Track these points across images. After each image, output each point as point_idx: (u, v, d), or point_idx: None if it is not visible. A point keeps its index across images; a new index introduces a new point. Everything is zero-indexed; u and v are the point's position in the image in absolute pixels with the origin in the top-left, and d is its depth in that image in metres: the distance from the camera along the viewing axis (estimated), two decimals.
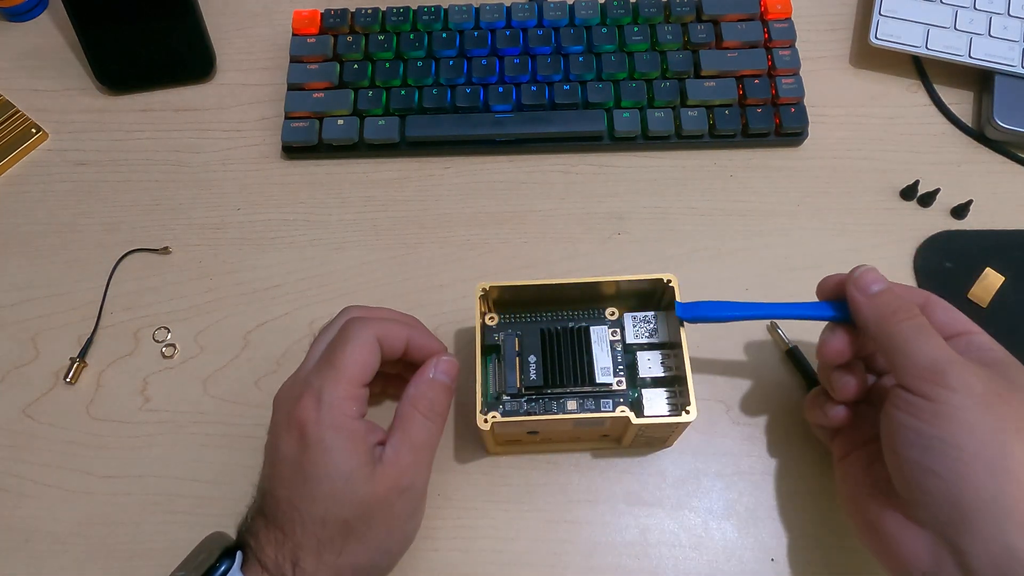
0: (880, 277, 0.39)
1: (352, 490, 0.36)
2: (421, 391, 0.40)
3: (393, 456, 0.38)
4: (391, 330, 0.40)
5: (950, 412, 0.33)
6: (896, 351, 0.36)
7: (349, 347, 0.38)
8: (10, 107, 0.59)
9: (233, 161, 0.57)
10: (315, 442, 0.36)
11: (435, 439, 0.40)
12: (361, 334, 0.39)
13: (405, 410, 0.39)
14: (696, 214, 0.54)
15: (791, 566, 0.44)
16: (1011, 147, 0.55)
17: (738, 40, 0.57)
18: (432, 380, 0.40)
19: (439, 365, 0.41)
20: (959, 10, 0.56)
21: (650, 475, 0.46)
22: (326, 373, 0.38)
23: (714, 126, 0.55)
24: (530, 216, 0.54)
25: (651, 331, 0.45)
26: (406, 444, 0.38)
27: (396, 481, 0.37)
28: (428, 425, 0.39)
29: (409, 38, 0.58)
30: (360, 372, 0.38)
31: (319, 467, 0.36)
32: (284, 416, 0.38)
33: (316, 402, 0.37)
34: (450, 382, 0.41)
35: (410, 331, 0.42)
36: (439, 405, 0.40)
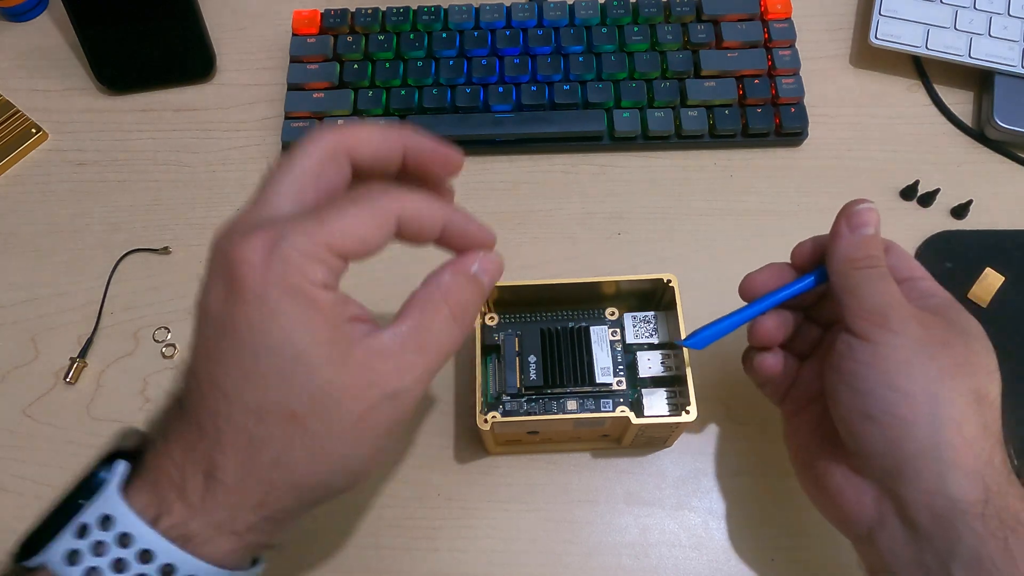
0: (876, 221, 0.36)
1: (307, 372, 0.27)
2: (458, 283, 0.31)
3: (394, 345, 0.29)
4: (425, 209, 0.30)
5: (888, 354, 0.33)
6: (849, 293, 0.35)
7: (352, 210, 0.28)
8: (10, 107, 0.59)
9: (233, 161, 0.57)
10: (254, 297, 0.26)
11: (455, 349, 0.31)
12: (378, 203, 0.29)
13: (431, 299, 0.31)
14: (696, 214, 0.54)
15: (791, 566, 0.44)
16: (1011, 147, 0.55)
17: (738, 40, 0.57)
18: (473, 276, 0.32)
19: (484, 260, 0.32)
20: (959, 10, 0.56)
21: (650, 475, 0.46)
22: (302, 221, 0.28)
23: (714, 126, 0.55)
24: (530, 216, 0.54)
25: (651, 331, 0.45)
26: (418, 339, 0.30)
27: (386, 378, 0.28)
28: (453, 328, 0.31)
29: (409, 38, 0.58)
30: (351, 244, 0.28)
31: (258, 332, 0.26)
32: (218, 256, 0.28)
33: (267, 246, 0.26)
34: (489, 284, 0.33)
35: (449, 214, 0.32)
36: (473, 309, 0.32)
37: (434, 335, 0.30)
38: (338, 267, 0.28)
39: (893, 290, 0.34)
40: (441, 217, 0.31)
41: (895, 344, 0.33)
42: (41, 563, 0.27)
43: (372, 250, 0.29)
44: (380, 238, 0.29)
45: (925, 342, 0.33)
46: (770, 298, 0.39)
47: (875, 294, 0.34)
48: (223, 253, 0.27)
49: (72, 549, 0.27)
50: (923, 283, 0.37)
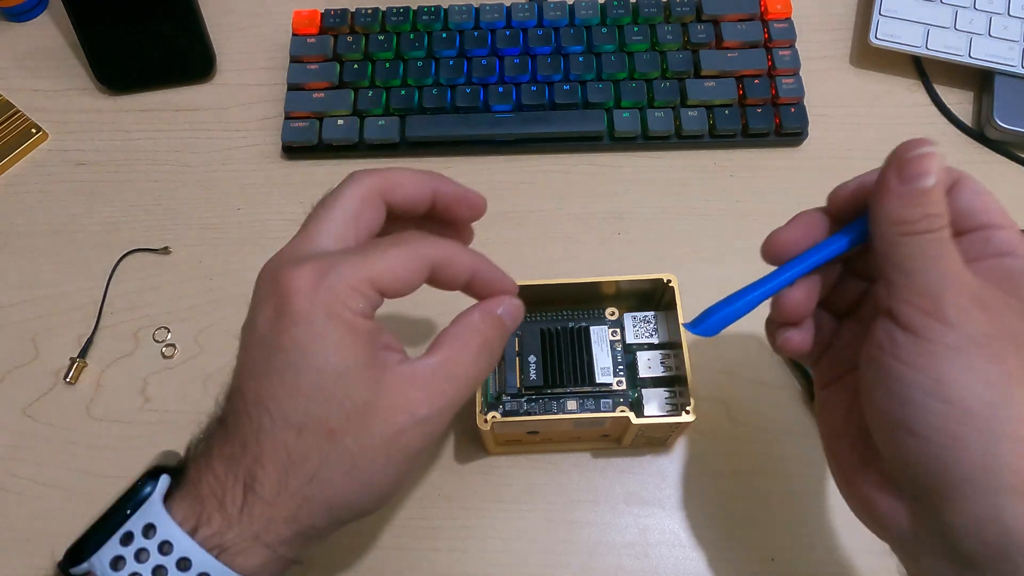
0: (938, 169, 0.27)
1: (346, 391, 0.29)
2: (486, 323, 0.33)
3: (426, 373, 0.31)
4: (457, 257, 0.33)
5: (942, 353, 0.26)
6: (895, 267, 0.28)
7: (394, 252, 0.31)
8: (10, 107, 0.59)
9: (233, 161, 0.57)
10: (301, 318, 0.28)
11: (480, 381, 0.33)
12: (419, 249, 0.32)
13: (461, 335, 0.32)
14: (696, 214, 0.54)
15: (791, 566, 0.44)
16: (1011, 147, 0.55)
17: (738, 40, 0.57)
18: (499, 318, 0.34)
19: (508, 306, 0.34)
20: (959, 10, 0.56)
21: (650, 475, 0.46)
22: (348, 256, 0.30)
23: (714, 126, 0.55)
24: (530, 216, 0.54)
25: (651, 331, 0.45)
26: (448, 369, 0.31)
27: (417, 403, 0.30)
28: (480, 363, 0.33)
29: (409, 38, 0.58)
30: (389, 282, 0.30)
31: (304, 352, 0.28)
32: (268, 283, 0.30)
33: (316, 275, 0.29)
34: (512, 327, 0.35)
35: (478, 263, 0.34)
36: (497, 347, 0.34)
37: (463, 367, 0.32)
38: (376, 301, 0.31)
39: (953, 265, 0.27)
40: (471, 265, 0.33)
41: (949, 341, 0.26)
42: (87, 570, 0.29)
43: (408, 289, 0.31)
44: (416, 279, 0.32)
45: (989, 337, 0.26)
46: (797, 265, 0.32)
47: (929, 270, 0.27)
48: (274, 280, 0.30)
49: (117, 555, 0.28)
50: (1000, 235, 0.29)
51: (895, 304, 0.27)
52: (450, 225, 0.37)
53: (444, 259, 0.32)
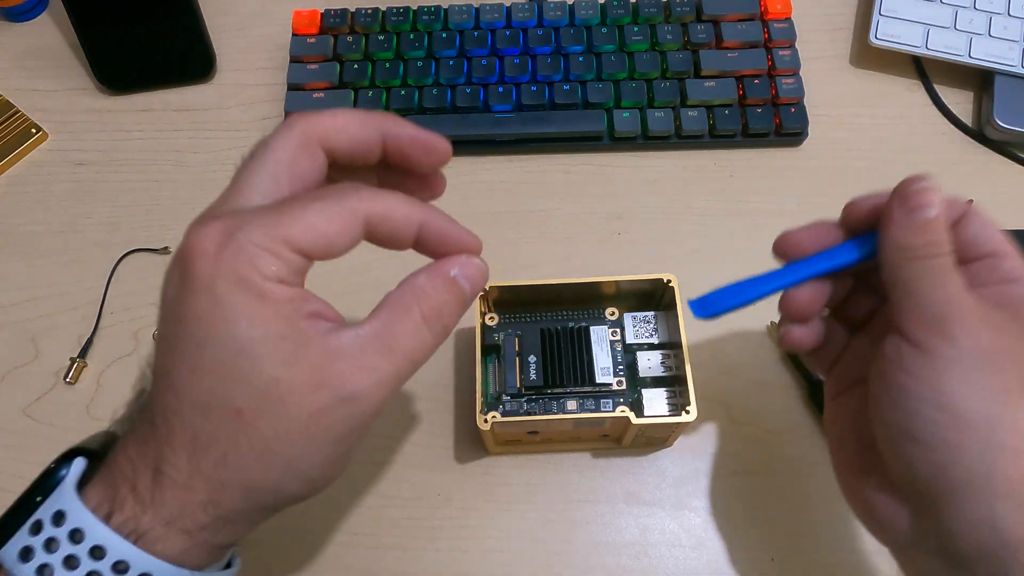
0: (938, 201, 0.30)
1: (252, 367, 0.25)
2: (434, 286, 0.30)
3: (355, 345, 0.27)
4: (398, 209, 0.29)
5: (944, 367, 0.28)
6: (902, 289, 0.29)
7: (315, 206, 0.27)
8: (10, 107, 0.59)
9: (233, 161, 0.56)
10: (203, 287, 0.25)
11: (424, 355, 0.29)
12: (344, 202, 0.28)
13: (402, 300, 0.29)
14: (696, 214, 0.54)
15: (791, 566, 0.44)
16: (1011, 147, 0.55)
17: (738, 40, 0.57)
18: (452, 280, 0.30)
19: (466, 265, 0.31)
20: (959, 10, 0.56)
21: (650, 475, 0.46)
22: (262, 213, 0.27)
23: (714, 126, 0.55)
24: (530, 216, 0.54)
25: (651, 331, 0.45)
26: (382, 341, 0.28)
27: (341, 379, 0.27)
28: (424, 333, 0.29)
29: (409, 38, 0.58)
30: (311, 241, 0.27)
31: (204, 323, 0.25)
32: (180, 247, 0.27)
33: (222, 236, 0.26)
34: (471, 292, 0.31)
35: (426, 215, 0.30)
36: (448, 315, 0.30)
37: (401, 339, 0.28)
38: (297, 263, 0.27)
39: (955, 286, 0.29)
40: (417, 218, 0.29)
41: (952, 355, 0.28)
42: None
43: (336, 250, 0.28)
44: (345, 238, 0.28)
45: (991, 351, 0.28)
46: (806, 267, 0.33)
47: (934, 291, 0.29)
48: (184, 240, 0.27)
49: (25, 546, 0.26)
50: (1006, 263, 0.31)
51: (903, 321, 0.29)
52: (413, 176, 0.33)
53: (381, 212, 0.28)
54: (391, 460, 0.47)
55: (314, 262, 0.28)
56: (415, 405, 0.48)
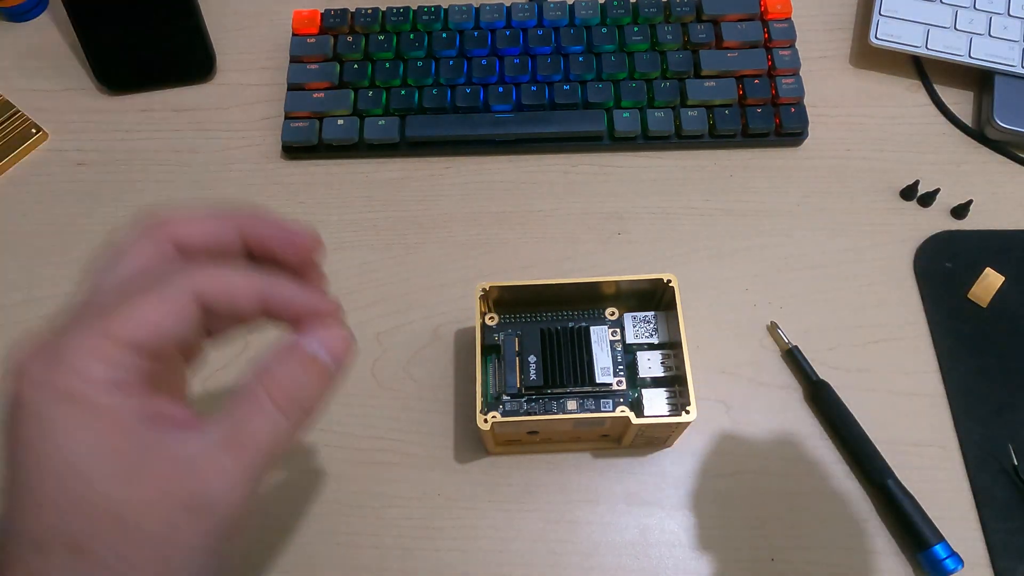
0: None
1: (85, 491, 0.23)
2: (284, 369, 0.27)
3: (200, 447, 0.24)
4: (230, 284, 0.26)
5: None
6: None
7: (138, 298, 0.25)
8: (10, 107, 0.59)
9: (233, 161, 0.57)
10: (30, 413, 0.23)
11: (283, 444, 0.26)
12: (169, 286, 0.25)
13: (249, 390, 0.26)
14: (696, 214, 0.54)
15: (790, 566, 0.44)
16: (1011, 147, 0.55)
17: (738, 40, 0.57)
18: (306, 354, 0.27)
19: (324, 335, 0.28)
20: (959, 10, 0.56)
21: (650, 475, 0.46)
22: (82, 317, 0.25)
23: (714, 126, 0.55)
24: (530, 216, 0.54)
25: (651, 331, 0.45)
26: (231, 438, 0.25)
27: (185, 486, 0.24)
28: (278, 421, 0.26)
29: (409, 38, 0.58)
30: (142, 335, 0.24)
31: (32, 451, 0.23)
32: (8, 371, 0.24)
33: (47, 352, 0.24)
34: (334, 365, 0.28)
35: (267, 284, 0.27)
36: (307, 395, 0.27)
37: (253, 433, 0.25)
38: (132, 362, 0.24)
39: None
40: (256, 289, 0.27)
41: None
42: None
43: (173, 337, 0.25)
44: (179, 323, 0.25)
45: None
46: None
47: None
48: (7, 368, 0.24)
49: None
50: None
51: None
52: (288, 268, 0.30)
53: (216, 289, 0.26)
54: (391, 460, 0.47)
55: (157, 355, 0.25)
56: (415, 405, 0.48)
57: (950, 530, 0.43)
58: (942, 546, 0.42)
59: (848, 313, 0.50)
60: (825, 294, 0.51)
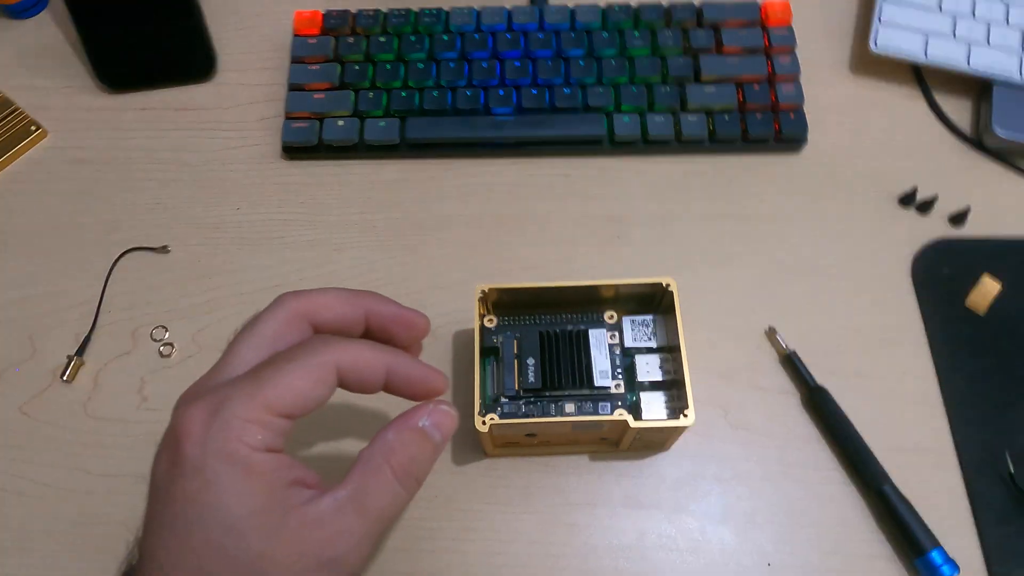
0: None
1: (239, 544, 0.26)
2: (402, 440, 0.30)
3: (330, 510, 0.28)
4: (362, 358, 0.31)
5: None
6: None
7: (288, 367, 0.29)
8: (10, 104, 0.59)
9: (233, 161, 0.57)
10: (192, 469, 0.26)
11: (399, 510, 0.30)
12: (314, 358, 0.29)
13: (373, 459, 0.30)
14: (695, 219, 0.54)
15: (788, 571, 0.44)
16: (1009, 155, 0.55)
17: (738, 46, 0.57)
18: (420, 431, 0.31)
19: (434, 413, 0.32)
20: (958, 19, 0.57)
21: (648, 478, 0.46)
22: (241, 384, 0.28)
23: (714, 131, 0.55)
24: (530, 219, 0.54)
25: (649, 335, 0.45)
26: (357, 503, 0.28)
27: (319, 546, 0.27)
28: (396, 490, 0.30)
29: (410, 40, 0.58)
30: (291, 402, 0.28)
31: (193, 503, 0.26)
32: (170, 426, 0.28)
33: (209, 414, 0.27)
34: (442, 440, 0.32)
35: (392, 360, 0.31)
36: (420, 467, 0.31)
37: (374, 498, 0.29)
38: (281, 426, 0.28)
39: None
40: (383, 363, 0.31)
41: None
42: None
43: (314, 405, 0.29)
44: (321, 392, 0.29)
45: None
46: None
47: None
48: (172, 422, 0.28)
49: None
50: None
51: None
52: (401, 346, 0.34)
53: (351, 362, 0.30)
54: None
55: (298, 419, 0.29)
56: None
57: (946, 536, 0.43)
58: (938, 552, 0.42)
59: (846, 319, 0.50)
60: (823, 300, 0.51)
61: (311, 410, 0.29)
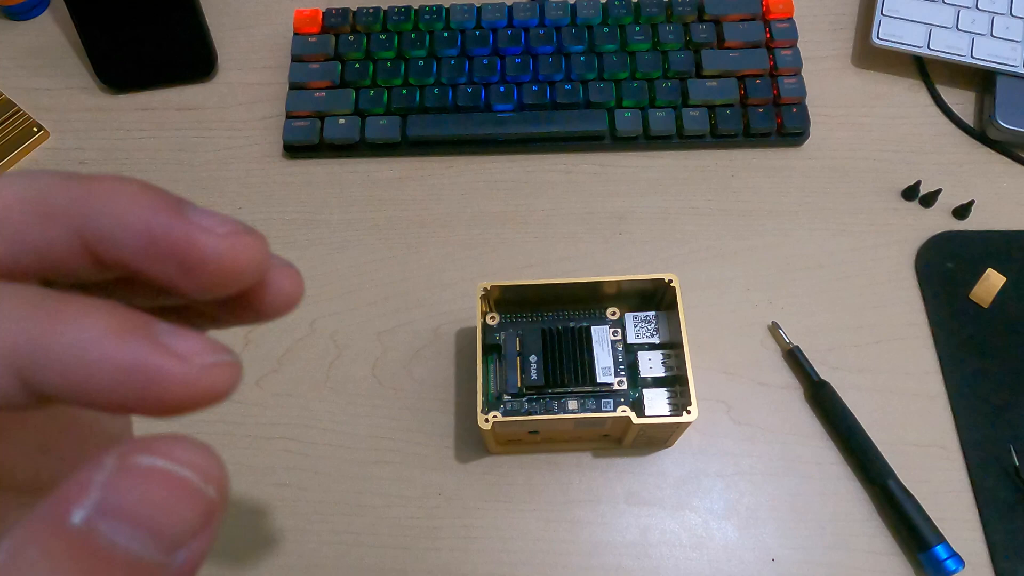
0: None
1: None
2: (19, 564, 0.11)
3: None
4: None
5: None
6: None
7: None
8: (11, 106, 0.59)
9: (234, 160, 0.57)
10: None
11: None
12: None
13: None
14: (697, 214, 0.54)
15: (792, 566, 0.44)
16: (1013, 147, 0.55)
17: (740, 40, 0.57)
18: (63, 539, 0.11)
19: (113, 487, 0.11)
20: (961, 10, 0.56)
21: (651, 475, 0.46)
22: None
23: (716, 126, 0.55)
24: (531, 216, 0.54)
25: (652, 331, 0.45)
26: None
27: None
28: None
29: (411, 37, 0.58)
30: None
31: None
32: None
33: None
34: (149, 546, 0.12)
35: (35, 330, 0.12)
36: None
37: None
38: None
39: None
40: (10, 339, 0.13)
41: None
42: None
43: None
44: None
45: None
46: None
47: None
48: None
49: None
50: None
51: None
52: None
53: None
54: (391, 460, 0.47)
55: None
56: (416, 405, 0.48)
57: (951, 531, 0.43)
58: (943, 547, 0.42)
59: (849, 313, 0.50)
60: (826, 294, 0.51)
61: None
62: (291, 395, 0.48)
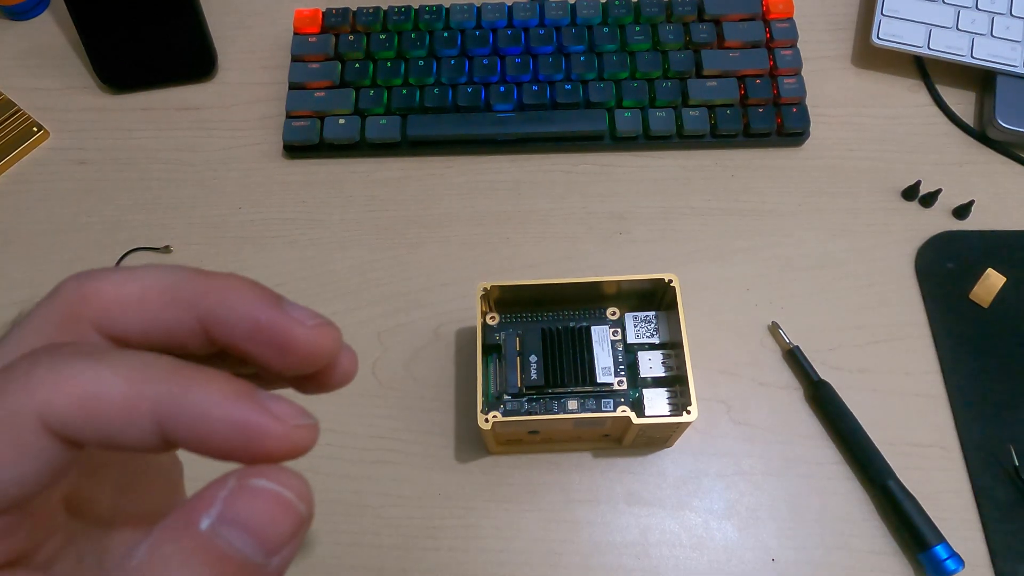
0: None
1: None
2: (160, 563, 0.14)
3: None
4: (99, 394, 0.15)
5: None
6: None
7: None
8: (11, 106, 0.59)
9: (234, 160, 0.57)
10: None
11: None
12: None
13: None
14: (697, 214, 0.54)
15: (792, 566, 0.44)
16: (1013, 147, 0.55)
17: (740, 40, 0.57)
18: (198, 541, 0.15)
19: (234, 500, 0.15)
20: (961, 10, 0.56)
21: (651, 475, 0.46)
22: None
23: (716, 126, 0.55)
24: (531, 216, 0.54)
25: (652, 331, 0.45)
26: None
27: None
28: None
29: (411, 37, 0.58)
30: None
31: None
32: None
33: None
34: (259, 549, 0.15)
35: (168, 394, 0.15)
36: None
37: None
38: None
39: None
40: (148, 403, 0.15)
41: None
42: None
43: (19, 492, 0.15)
44: (24, 471, 0.15)
45: None
46: None
47: None
48: None
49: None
50: None
51: None
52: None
53: (74, 408, 0.15)
54: (391, 460, 0.47)
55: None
56: (416, 405, 0.48)
57: (951, 531, 0.43)
58: (943, 547, 0.42)
59: (849, 313, 0.50)
60: (826, 294, 0.51)
61: (19, 500, 0.15)
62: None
